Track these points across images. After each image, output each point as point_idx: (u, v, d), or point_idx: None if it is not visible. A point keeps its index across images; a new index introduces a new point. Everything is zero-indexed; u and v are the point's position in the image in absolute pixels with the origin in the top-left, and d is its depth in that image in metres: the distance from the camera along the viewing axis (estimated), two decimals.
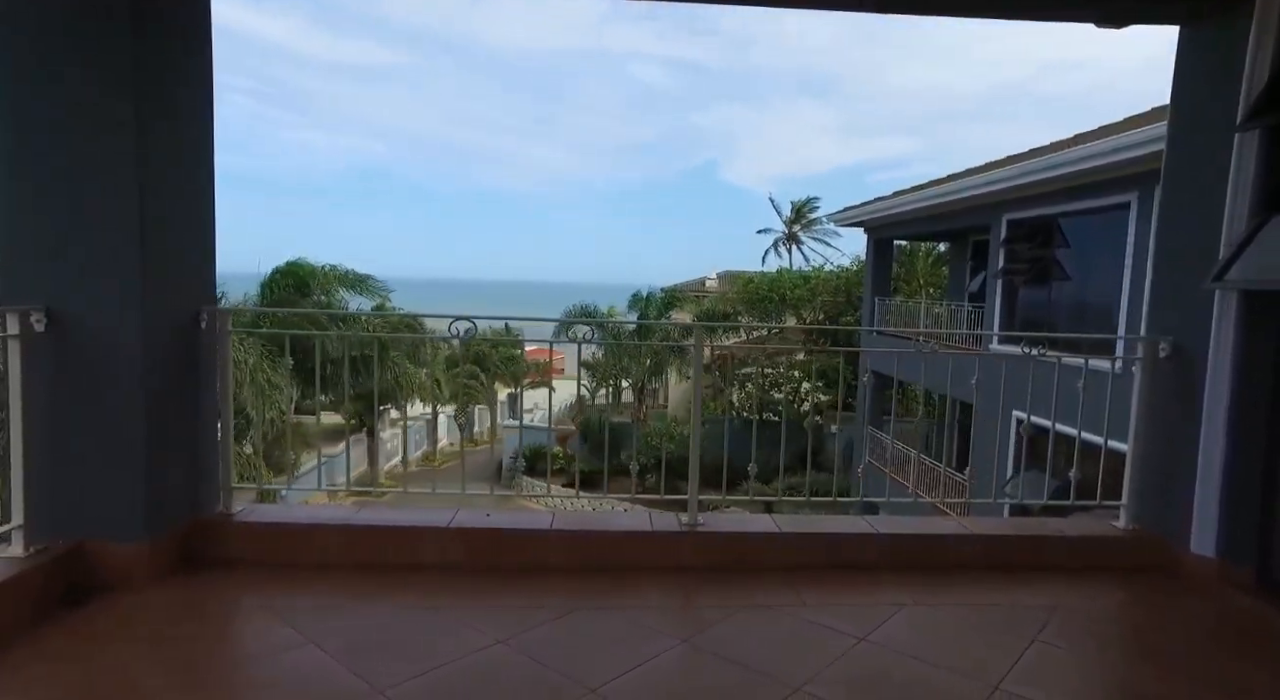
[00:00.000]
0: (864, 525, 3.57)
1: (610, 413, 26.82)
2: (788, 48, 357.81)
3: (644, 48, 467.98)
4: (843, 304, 24.72)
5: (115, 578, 2.93)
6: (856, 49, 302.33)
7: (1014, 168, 11.30)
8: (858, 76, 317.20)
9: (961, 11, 4.04)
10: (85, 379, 2.90)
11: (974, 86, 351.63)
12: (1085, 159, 9.51)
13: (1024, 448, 7.72)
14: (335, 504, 3.82)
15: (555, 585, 3.16)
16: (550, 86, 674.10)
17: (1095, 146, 9.27)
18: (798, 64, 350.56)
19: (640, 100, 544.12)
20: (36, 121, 2.80)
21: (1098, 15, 3.83)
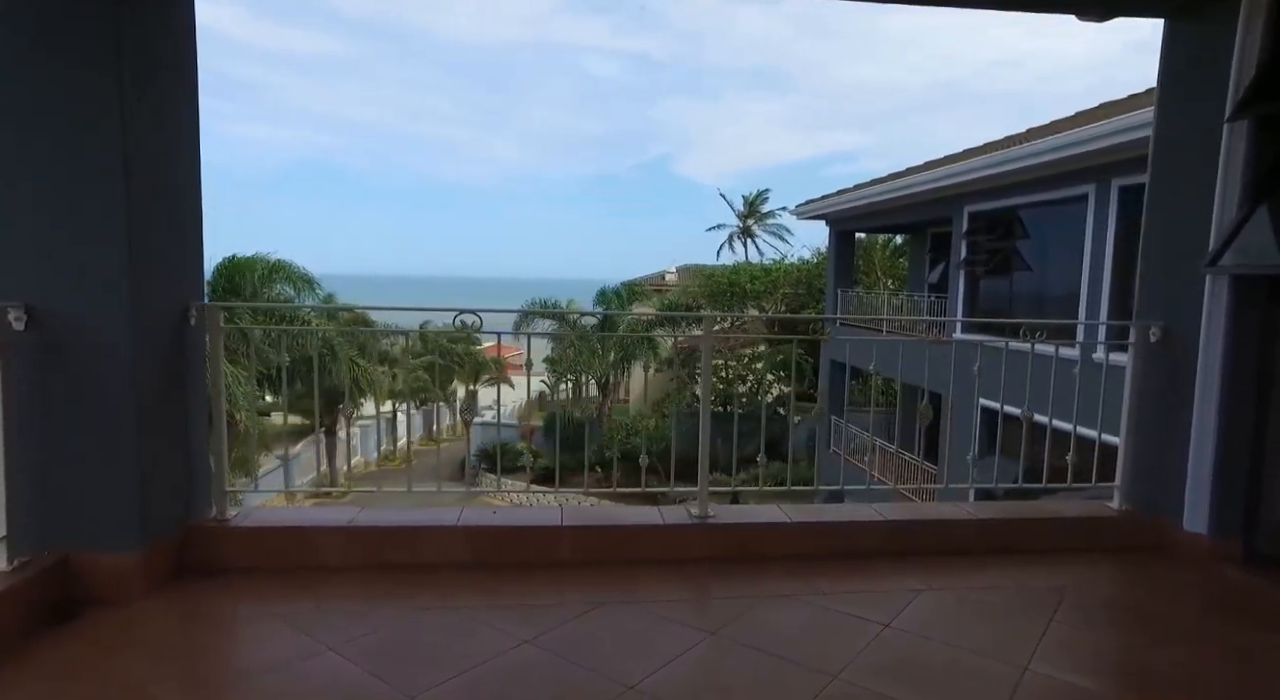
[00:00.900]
0: (871, 513, 3.60)
1: (575, 407, 26.69)
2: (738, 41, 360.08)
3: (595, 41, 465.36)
4: (803, 296, 25.03)
5: (107, 590, 2.77)
6: (806, 43, 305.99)
7: (976, 160, 11.58)
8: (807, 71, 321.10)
9: (946, 1, 4.07)
10: (70, 380, 2.73)
11: (919, 82, 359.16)
12: (1045, 152, 9.79)
13: (999, 433, 7.94)
14: (332, 504, 3.68)
15: (570, 581, 3.10)
16: (501, 79, 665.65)
17: (1055, 140, 9.54)
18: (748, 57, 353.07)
19: (592, 93, 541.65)
20: (13, 112, 2.62)
21: (1080, 7, 3.91)
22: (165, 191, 2.96)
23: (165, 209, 2.97)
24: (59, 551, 2.74)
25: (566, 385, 29.94)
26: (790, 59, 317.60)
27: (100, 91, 2.64)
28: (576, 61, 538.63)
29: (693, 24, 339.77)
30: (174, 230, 3.06)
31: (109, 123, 2.66)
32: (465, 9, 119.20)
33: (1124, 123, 8.31)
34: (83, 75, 2.63)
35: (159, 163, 2.91)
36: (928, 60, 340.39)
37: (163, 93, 2.92)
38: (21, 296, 2.64)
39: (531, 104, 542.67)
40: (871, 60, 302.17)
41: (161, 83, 2.90)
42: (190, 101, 3.12)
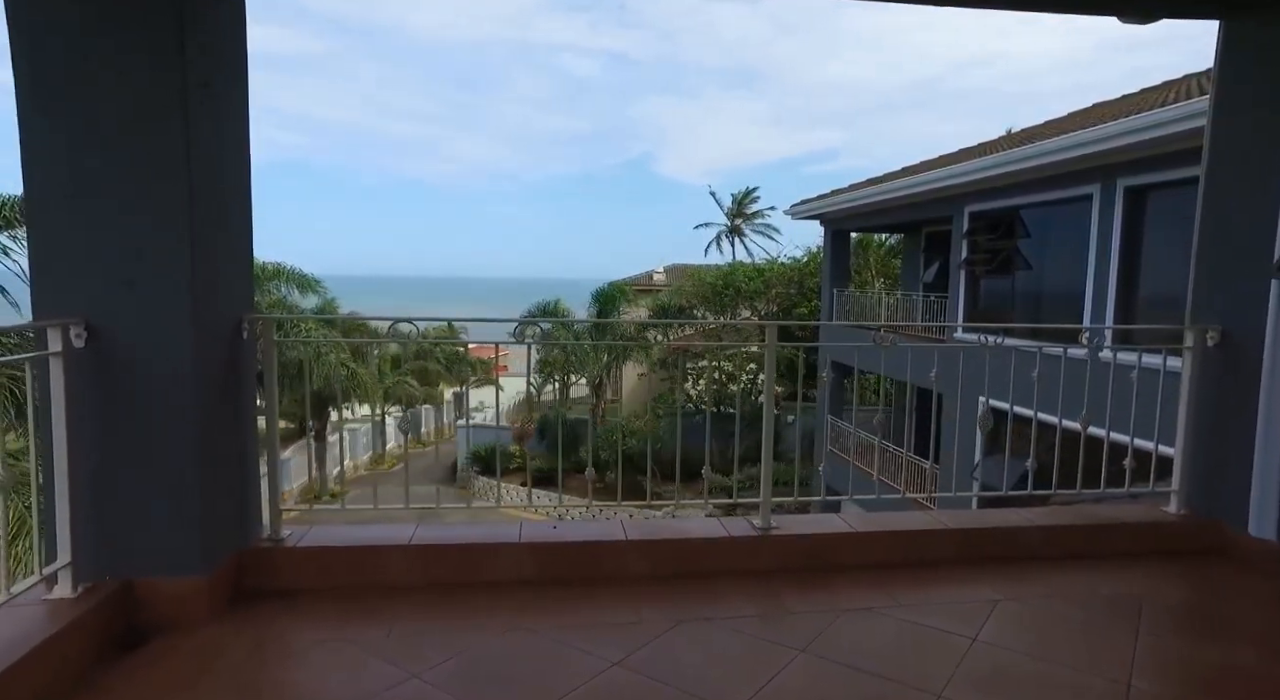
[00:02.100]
0: (934, 521, 3.57)
1: (567, 408, 26.56)
2: (717, 40, 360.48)
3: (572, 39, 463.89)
4: (795, 295, 25.09)
5: (171, 616, 2.66)
6: (784, 41, 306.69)
7: (981, 160, 11.63)
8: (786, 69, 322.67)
9: (981, 3, 4.05)
10: (130, 397, 2.61)
11: (895, 80, 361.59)
12: (1052, 152, 9.84)
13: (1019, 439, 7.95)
14: (383, 521, 3.59)
15: (642, 597, 3.03)
16: (476, 77, 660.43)
17: (1064, 140, 9.60)
18: (727, 56, 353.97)
19: (570, 92, 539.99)
20: (77, 120, 2.50)
21: (1125, 9, 3.90)
22: (220, 199, 2.85)
23: (221, 217, 2.86)
24: (121, 577, 2.63)
25: (554, 386, 29.81)
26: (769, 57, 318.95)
27: (165, 98, 2.53)
28: (554, 59, 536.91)
29: (671, 22, 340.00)
30: (227, 239, 2.94)
31: (174, 132, 2.55)
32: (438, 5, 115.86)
33: (1135, 123, 8.38)
34: (150, 77, 2.51)
35: (216, 169, 2.80)
36: (903, 58, 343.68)
37: (220, 95, 2.81)
38: (81, 312, 2.53)
39: (508, 102, 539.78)
40: (848, 59, 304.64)
41: (220, 84, 2.79)
42: (242, 103, 3.00)
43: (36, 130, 2.48)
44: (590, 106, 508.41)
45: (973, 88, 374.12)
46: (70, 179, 2.52)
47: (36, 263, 2.56)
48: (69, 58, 2.47)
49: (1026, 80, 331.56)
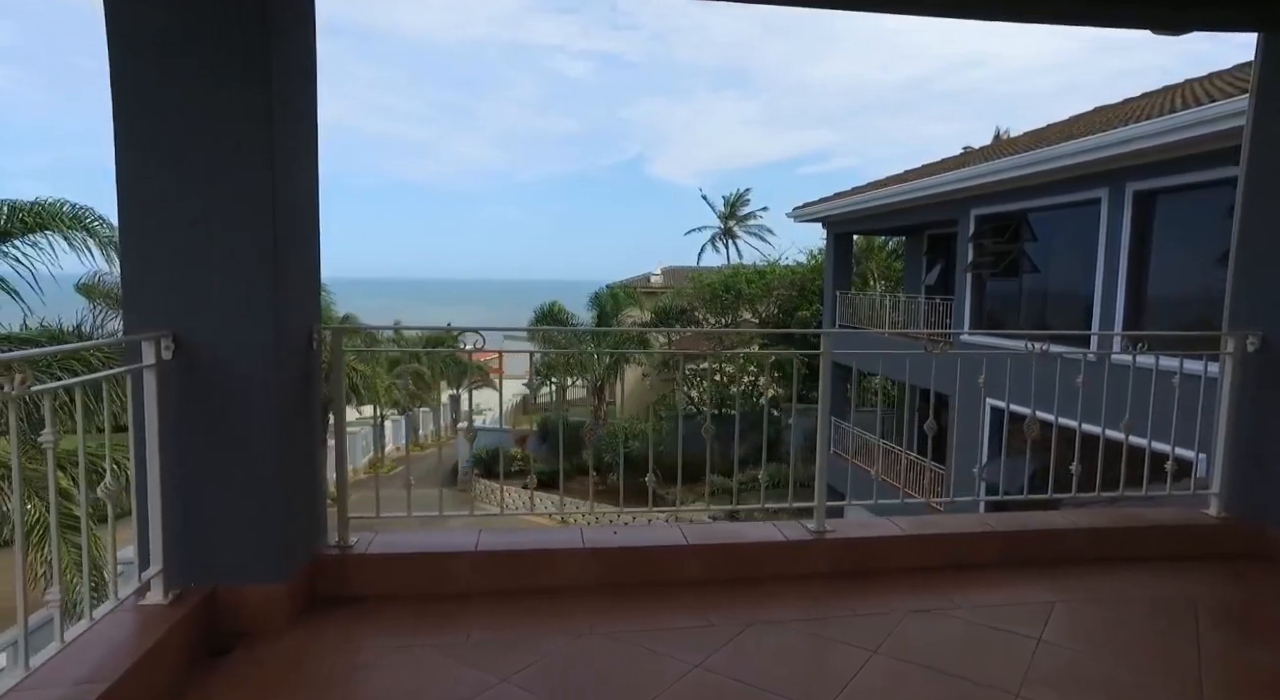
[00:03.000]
0: (982, 524, 3.65)
1: (566, 410, 26.58)
2: (709, 42, 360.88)
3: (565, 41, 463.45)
4: (796, 298, 25.20)
5: (253, 623, 2.71)
6: (775, 43, 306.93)
7: (990, 164, 11.75)
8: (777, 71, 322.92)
9: (1009, 16, 4.14)
10: (214, 408, 2.66)
11: (886, 81, 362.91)
12: (1062, 157, 9.96)
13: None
14: (440, 528, 3.64)
15: (705, 601, 3.10)
16: (469, 78, 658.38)
17: (1076, 145, 9.72)
18: (719, 58, 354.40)
19: (562, 93, 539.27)
20: (163, 131, 2.55)
21: (1161, 23, 3.99)
22: (295, 213, 2.90)
23: (294, 230, 2.91)
24: (205, 584, 2.67)
25: (550, 388, 29.81)
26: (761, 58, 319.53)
27: (254, 109, 2.58)
28: (547, 61, 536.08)
29: (663, 24, 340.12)
30: (298, 251, 2.99)
31: (261, 153, 2.60)
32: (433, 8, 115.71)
33: (1152, 127, 8.50)
34: (241, 87, 2.56)
35: (294, 184, 2.85)
36: (894, 60, 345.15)
37: (297, 100, 2.85)
38: (169, 324, 2.57)
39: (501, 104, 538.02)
40: (840, 60, 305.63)
41: (295, 89, 2.84)
42: (312, 114, 3.05)
43: (130, 150, 2.54)
44: (583, 108, 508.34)
45: (962, 88, 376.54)
46: (161, 198, 2.57)
47: (128, 278, 2.61)
48: (162, 82, 2.53)
49: (1015, 81, 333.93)
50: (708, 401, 22.98)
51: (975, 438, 11.85)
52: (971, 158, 15.39)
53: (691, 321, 25.23)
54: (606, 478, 19.92)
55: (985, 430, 11.69)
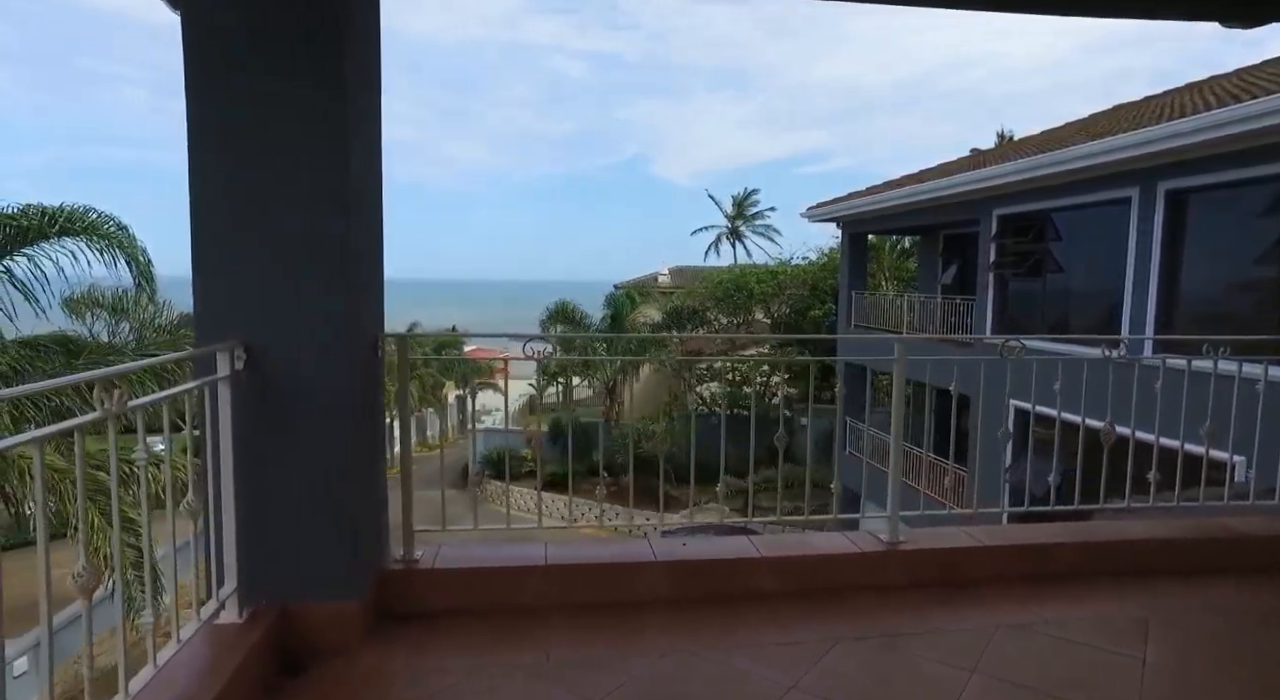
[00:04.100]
0: (1060, 533, 3.55)
1: (576, 411, 26.50)
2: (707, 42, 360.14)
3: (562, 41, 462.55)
4: (808, 297, 25.09)
5: (327, 641, 2.62)
6: (774, 43, 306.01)
7: (1013, 164, 11.63)
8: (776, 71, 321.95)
9: (1072, 10, 4.04)
10: (282, 419, 2.58)
11: (884, 81, 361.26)
12: (1091, 155, 9.85)
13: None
14: (515, 542, 3.55)
15: (782, 615, 3.01)
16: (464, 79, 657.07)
17: (1105, 144, 9.61)
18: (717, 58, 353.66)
19: (561, 94, 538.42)
20: (236, 140, 2.48)
21: (1232, 15, 3.89)
22: (364, 215, 2.82)
23: (362, 236, 2.82)
24: (278, 601, 2.58)
25: (557, 388, 29.69)
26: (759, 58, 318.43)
27: (329, 115, 2.50)
28: (544, 61, 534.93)
29: (661, 23, 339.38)
30: (368, 256, 2.90)
31: (337, 159, 2.52)
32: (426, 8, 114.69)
33: (1184, 126, 8.39)
34: (312, 99, 2.48)
35: (363, 186, 2.76)
36: (890, 60, 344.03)
37: (368, 107, 2.77)
38: (239, 335, 2.48)
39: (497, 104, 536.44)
40: (837, 60, 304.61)
41: (367, 96, 2.75)
42: (377, 118, 2.97)
43: (203, 159, 2.47)
44: (579, 108, 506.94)
45: (960, 88, 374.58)
46: (234, 208, 2.50)
47: (198, 289, 2.53)
48: (236, 89, 2.46)
49: (1012, 81, 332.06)
50: (721, 402, 22.87)
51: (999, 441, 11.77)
52: (990, 158, 15.29)
53: (703, 321, 25.14)
54: (619, 479, 19.83)
55: (1009, 435, 11.65)
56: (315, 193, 2.53)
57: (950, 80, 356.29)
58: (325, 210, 2.54)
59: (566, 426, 20.88)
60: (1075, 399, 3.57)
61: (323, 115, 2.50)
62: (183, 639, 2.16)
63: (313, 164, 2.52)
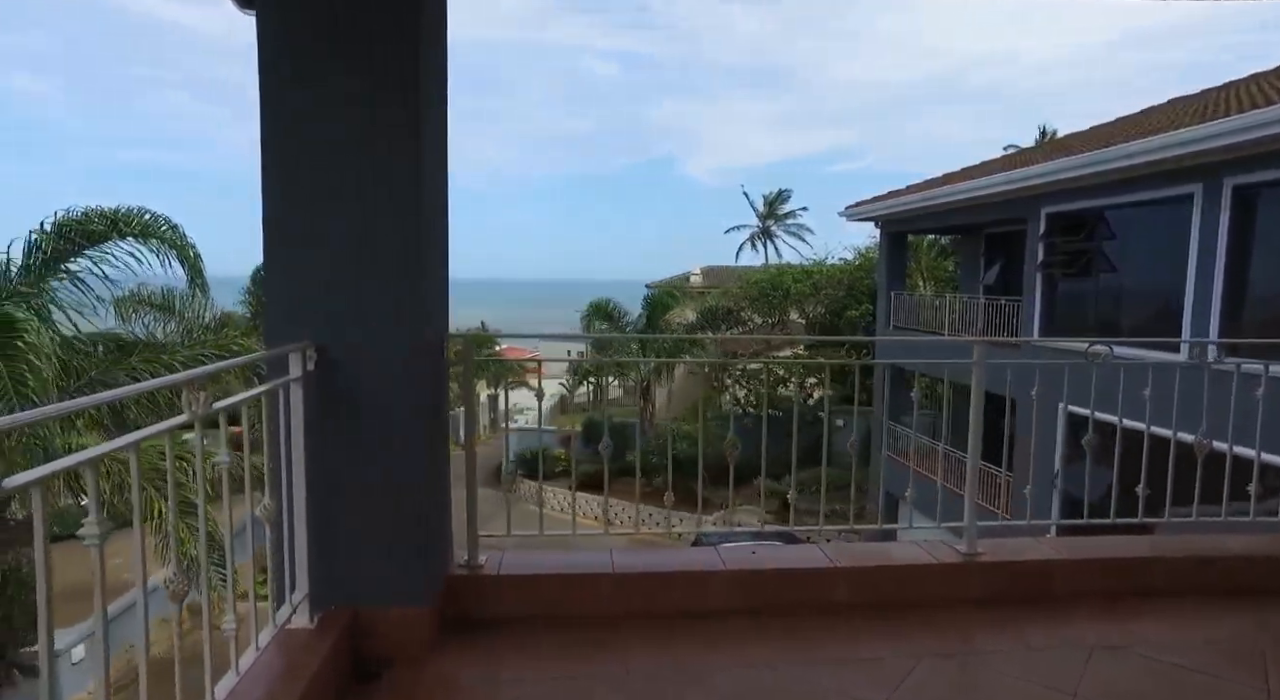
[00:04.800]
0: (1149, 547, 3.37)
1: (609, 411, 26.46)
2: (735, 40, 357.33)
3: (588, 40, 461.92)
4: (844, 297, 24.73)
5: (397, 647, 2.56)
6: (804, 41, 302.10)
7: (1065, 160, 11.29)
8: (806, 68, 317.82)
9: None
10: (352, 422, 2.52)
11: (916, 77, 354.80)
12: (1149, 151, 9.51)
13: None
14: (579, 549, 3.47)
15: (860, 628, 2.88)
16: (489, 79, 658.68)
17: (1167, 138, 9.26)
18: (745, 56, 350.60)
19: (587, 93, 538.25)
20: (310, 146, 2.44)
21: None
22: (434, 219, 2.76)
23: (433, 238, 2.76)
24: (347, 606, 2.53)
25: (588, 388, 29.67)
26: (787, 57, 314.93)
27: (403, 122, 2.45)
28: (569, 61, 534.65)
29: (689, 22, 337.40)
30: (436, 259, 2.85)
31: (409, 164, 2.47)
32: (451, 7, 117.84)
33: (1257, 118, 8.04)
34: (387, 108, 2.43)
35: (434, 191, 2.71)
36: (920, 57, 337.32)
37: (436, 118, 2.71)
38: (310, 337, 2.43)
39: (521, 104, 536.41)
40: (865, 58, 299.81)
41: (435, 107, 2.70)
42: (445, 123, 2.91)
43: (276, 165, 2.44)
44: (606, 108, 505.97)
45: (990, 85, 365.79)
46: (306, 212, 2.47)
47: (269, 290, 2.51)
48: (310, 98, 2.43)
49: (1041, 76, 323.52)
50: (756, 403, 22.66)
51: (1048, 448, 11.41)
52: (1036, 155, 14.92)
53: (739, 322, 24.94)
54: (653, 480, 19.74)
55: (1060, 439, 11.27)
56: (385, 195, 2.48)
57: (979, 77, 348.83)
58: (395, 212, 2.49)
59: (602, 425, 20.89)
60: (1135, 404, 3.38)
61: (396, 118, 2.45)
62: (260, 644, 2.11)
63: (383, 166, 2.47)
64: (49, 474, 1.19)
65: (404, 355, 2.56)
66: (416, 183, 2.49)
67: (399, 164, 2.47)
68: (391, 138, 2.46)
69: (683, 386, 26.83)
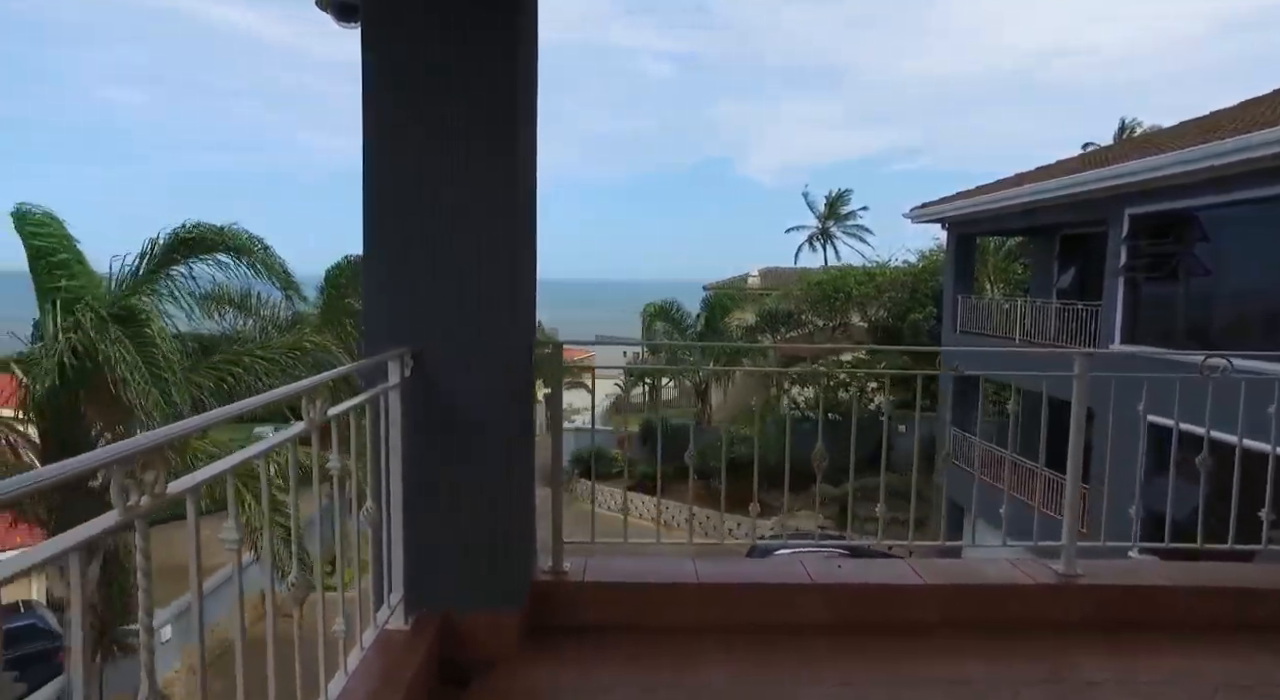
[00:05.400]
0: (1261, 577, 3.16)
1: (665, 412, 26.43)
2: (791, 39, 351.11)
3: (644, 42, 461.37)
4: (907, 301, 24.13)
5: (482, 651, 2.59)
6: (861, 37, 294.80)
7: (1156, 158, 10.74)
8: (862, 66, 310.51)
9: None
10: (445, 426, 2.56)
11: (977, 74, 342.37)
12: (1252, 147, 8.97)
13: None
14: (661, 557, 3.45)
15: (950, 649, 2.79)
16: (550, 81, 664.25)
17: (1270, 133, 8.71)
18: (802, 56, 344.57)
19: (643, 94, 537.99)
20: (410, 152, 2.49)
21: None
22: (525, 224, 2.78)
23: (523, 242, 2.78)
24: (438, 609, 2.57)
25: (644, 388, 29.66)
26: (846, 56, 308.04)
27: (501, 125, 2.48)
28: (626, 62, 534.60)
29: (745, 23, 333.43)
30: (525, 264, 2.87)
31: (505, 160, 2.49)
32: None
33: None
34: (487, 109, 2.46)
35: (524, 190, 2.73)
36: (983, 52, 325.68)
37: (529, 117, 2.74)
38: (406, 343, 2.48)
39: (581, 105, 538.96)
40: (926, 54, 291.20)
41: (528, 106, 2.72)
42: (535, 122, 2.93)
43: (378, 173, 2.49)
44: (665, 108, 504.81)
45: (1057, 81, 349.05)
46: (407, 219, 2.52)
47: (368, 297, 2.57)
48: (410, 106, 2.47)
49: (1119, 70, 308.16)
50: (815, 407, 22.29)
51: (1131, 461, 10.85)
52: (1115, 154, 14.26)
53: (798, 325, 24.59)
54: (710, 483, 19.62)
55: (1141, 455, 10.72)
56: (480, 201, 2.51)
57: (1046, 73, 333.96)
58: (489, 217, 2.52)
59: (658, 427, 20.86)
60: (1232, 419, 3.17)
61: (493, 123, 2.48)
62: (364, 645, 2.16)
63: (480, 173, 2.50)
64: (205, 480, 1.23)
65: (495, 361, 2.58)
66: (509, 188, 2.51)
67: (492, 171, 2.50)
68: (486, 143, 2.49)
69: (741, 387, 26.60)
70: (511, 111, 2.48)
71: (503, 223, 2.52)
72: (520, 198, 2.58)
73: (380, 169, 2.49)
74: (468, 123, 2.46)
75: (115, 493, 1.04)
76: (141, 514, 1.09)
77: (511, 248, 2.54)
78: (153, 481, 1.10)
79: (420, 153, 2.48)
